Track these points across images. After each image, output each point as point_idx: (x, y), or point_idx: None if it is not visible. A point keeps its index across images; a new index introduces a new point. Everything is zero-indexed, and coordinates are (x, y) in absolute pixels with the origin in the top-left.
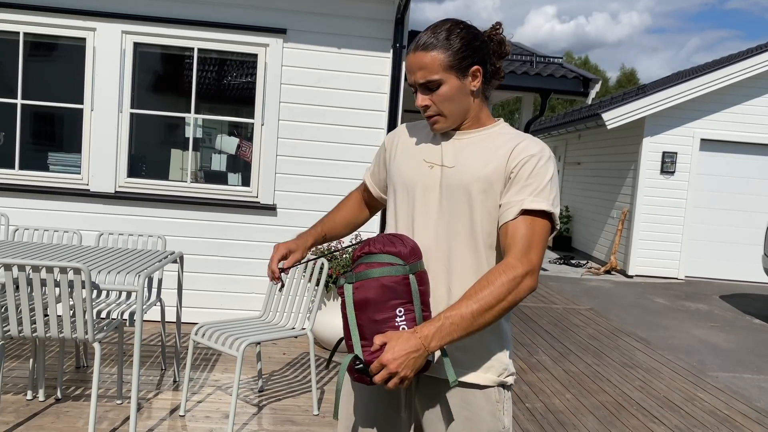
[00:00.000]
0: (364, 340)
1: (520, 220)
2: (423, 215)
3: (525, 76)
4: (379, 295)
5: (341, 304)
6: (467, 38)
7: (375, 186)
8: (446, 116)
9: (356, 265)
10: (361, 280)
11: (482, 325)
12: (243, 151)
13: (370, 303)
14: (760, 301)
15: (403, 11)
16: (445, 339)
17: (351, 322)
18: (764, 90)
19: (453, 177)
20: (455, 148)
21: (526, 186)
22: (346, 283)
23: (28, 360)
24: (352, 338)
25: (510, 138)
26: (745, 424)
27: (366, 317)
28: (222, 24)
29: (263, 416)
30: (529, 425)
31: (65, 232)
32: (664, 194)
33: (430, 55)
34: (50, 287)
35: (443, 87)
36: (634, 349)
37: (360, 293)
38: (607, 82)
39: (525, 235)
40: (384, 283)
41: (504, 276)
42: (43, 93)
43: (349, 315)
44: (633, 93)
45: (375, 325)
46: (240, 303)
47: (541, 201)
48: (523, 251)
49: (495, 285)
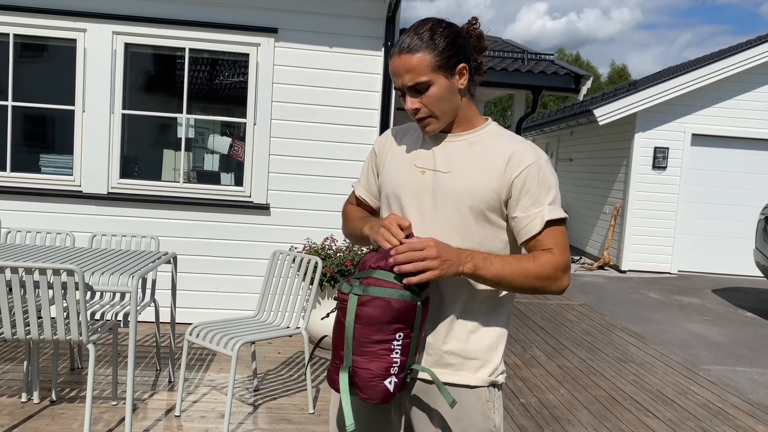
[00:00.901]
0: (356, 356)
1: (549, 231)
2: (418, 222)
3: (516, 73)
4: (385, 316)
5: (340, 309)
6: (451, 36)
7: (372, 197)
8: (438, 117)
9: (366, 276)
10: (370, 296)
11: (506, 286)
12: (235, 150)
13: (373, 321)
14: (752, 294)
15: (394, 10)
16: (478, 270)
17: (348, 334)
18: (754, 84)
19: (448, 183)
20: (448, 152)
21: (539, 196)
22: (352, 293)
23: (22, 362)
24: (345, 350)
25: (504, 143)
26: (738, 416)
27: (364, 333)
28: (213, 24)
29: (259, 415)
30: (523, 420)
31: (58, 234)
32: (656, 189)
33: (417, 56)
34: (43, 289)
35: (432, 88)
36: (627, 343)
37: (365, 309)
38: (599, 78)
39: (559, 243)
40: (393, 305)
41: (552, 263)
42: (34, 95)
43: (347, 326)
44: (624, 89)
45: (371, 344)
46: (234, 303)
47: (558, 209)
48: (563, 255)
49: (539, 263)
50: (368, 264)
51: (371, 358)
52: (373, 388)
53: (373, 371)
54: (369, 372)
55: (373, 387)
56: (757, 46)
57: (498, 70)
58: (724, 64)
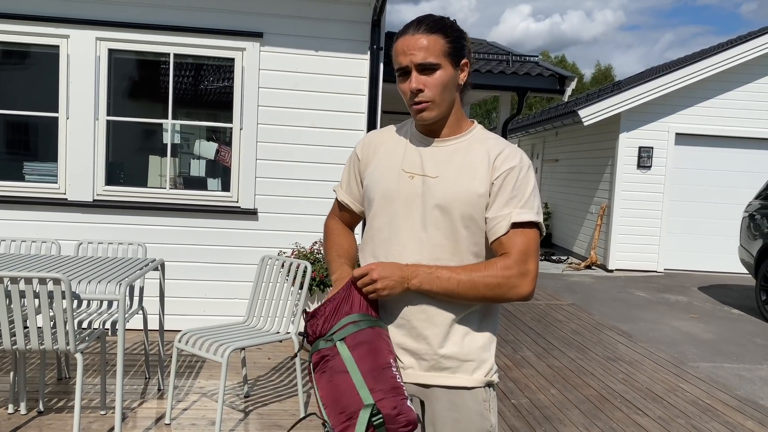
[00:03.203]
0: (376, 387)
1: (512, 233)
2: (407, 227)
3: (501, 75)
4: (376, 340)
5: (327, 370)
6: (459, 31)
7: (355, 202)
8: (437, 104)
9: (329, 335)
10: (352, 333)
11: (459, 298)
12: (222, 156)
13: (371, 347)
14: (738, 291)
15: (380, 13)
16: (425, 285)
17: (356, 378)
18: (736, 84)
19: (437, 188)
20: (436, 157)
21: (512, 198)
22: (336, 342)
23: (8, 373)
24: (360, 393)
25: (490, 147)
26: (726, 412)
27: (368, 365)
28: (198, 29)
29: (250, 422)
30: (515, 421)
31: (43, 243)
32: (641, 189)
33: (433, 37)
34: (30, 298)
35: (439, 72)
36: (616, 342)
37: (358, 345)
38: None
39: (520, 247)
40: (376, 329)
41: (502, 271)
42: (17, 102)
43: (351, 369)
44: (608, 89)
45: (382, 370)
46: (223, 309)
47: (528, 212)
48: (521, 260)
49: (490, 272)
50: (318, 332)
51: (390, 383)
52: (407, 410)
53: (398, 392)
54: (394, 396)
55: (406, 408)
56: (738, 45)
57: (483, 72)
58: (706, 63)
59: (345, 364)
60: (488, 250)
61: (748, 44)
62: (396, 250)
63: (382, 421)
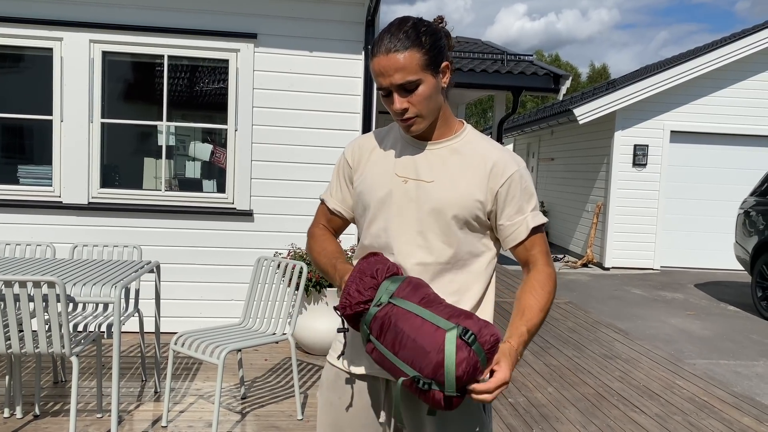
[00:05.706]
0: (452, 318)
1: (533, 237)
2: (403, 232)
3: (496, 75)
4: (422, 285)
5: (386, 321)
6: (434, 34)
7: (347, 209)
8: (424, 117)
9: (378, 300)
10: (397, 287)
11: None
12: (217, 157)
13: (425, 291)
14: (733, 288)
15: (374, 13)
16: (523, 350)
17: (427, 315)
18: (730, 81)
19: (432, 192)
20: (430, 161)
21: (523, 204)
22: (390, 300)
23: (3, 377)
24: (440, 324)
25: (484, 150)
26: (723, 409)
27: (430, 304)
28: (192, 30)
29: (247, 423)
30: (512, 420)
31: (38, 246)
32: (637, 186)
33: (407, 53)
34: (24, 302)
35: (421, 87)
36: (613, 340)
37: (404, 292)
38: (579, 78)
39: (542, 248)
40: (411, 279)
41: (551, 283)
42: (11, 105)
43: (420, 313)
44: (603, 88)
45: (444, 305)
46: (219, 310)
47: (539, 215)
48: (547, 262)
49: (547, 291)
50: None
51: (458, 310)
52: (490, 325)
53: (469, 315)
54: (469, 318)
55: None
56: (732, 42)
57: (478, 71)
58: (700, 61)
59: (410, 311)
60: (481, 252)
61: (742, 41)
62: (394, 256)
63: (474, 337)
